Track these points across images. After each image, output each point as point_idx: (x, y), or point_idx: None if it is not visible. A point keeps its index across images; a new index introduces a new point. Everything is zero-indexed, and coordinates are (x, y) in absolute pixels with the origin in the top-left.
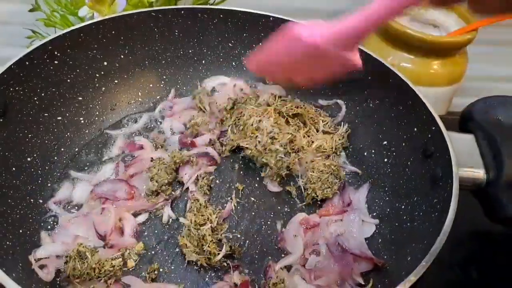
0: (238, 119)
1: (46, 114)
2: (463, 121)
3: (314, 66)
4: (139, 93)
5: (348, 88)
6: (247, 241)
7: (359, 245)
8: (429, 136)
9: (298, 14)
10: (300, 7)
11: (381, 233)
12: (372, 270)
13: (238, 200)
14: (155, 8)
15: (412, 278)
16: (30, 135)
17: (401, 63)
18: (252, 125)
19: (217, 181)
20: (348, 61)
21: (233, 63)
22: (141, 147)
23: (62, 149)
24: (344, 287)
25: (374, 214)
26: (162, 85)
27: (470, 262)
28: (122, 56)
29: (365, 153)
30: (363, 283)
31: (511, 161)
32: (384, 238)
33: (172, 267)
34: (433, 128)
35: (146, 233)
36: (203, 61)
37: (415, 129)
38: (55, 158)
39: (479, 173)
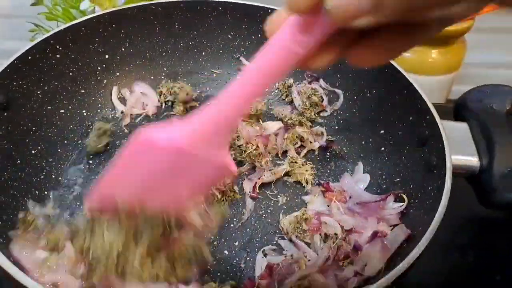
0: None
1: (49, 107)
2: (458, 110)
3: (178, 180)
4: None
5: (345, 78)
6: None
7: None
8: (424, 125)
9: None
10: None
11: None
12: None
13: None
14: (155, 1)
15: (405, 264)
16: (33, 128)
17: None
18: None
19: None
20: (221, 165)
21: (233, 55)
22: None
23: (66, 142)
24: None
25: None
26: (163, 77)
27: (467, 246)
28: (123, 49)
29: (363, 142)
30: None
31: (503, 148)
32: None
33: None
34: (428, 117)
35: None
36: (203, 53)
37: (411, 118)
38: (59, 150)
39: (473, 160)
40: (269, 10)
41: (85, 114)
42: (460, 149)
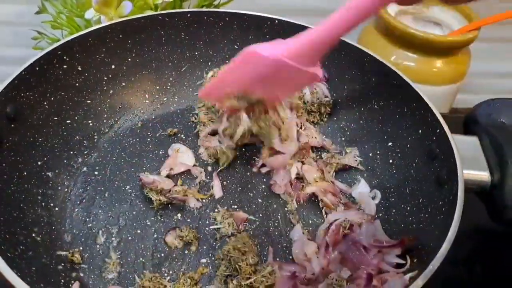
0: None
1: (56, 118)
2: (467, 124)
3: (276, 84)
4: (146, 95)
5: (352, 89)
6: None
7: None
8: (434, 138)
9: (302, 14)
10: (302, 7)
11: (388, 234)
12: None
13: None
14: (162, 12)
15: (419, 282)
16: (40, 139)
17: (404, 62)
18: None
19: None
20: (311, 75)
21: None
22: None
23: (72, 152)
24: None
25: (380, 215)
26: (169, 87)
27: (475, 260)
28: (129, 59)
29: (370, 154)
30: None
31: None
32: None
33: None
34: (438, 130)
35: None
36: (209, 63)
37: (420, 131)
38: (65, 161)
39: (484, 175)
40: (276, 21)
41: (91, 124)
42: (470, 164)
